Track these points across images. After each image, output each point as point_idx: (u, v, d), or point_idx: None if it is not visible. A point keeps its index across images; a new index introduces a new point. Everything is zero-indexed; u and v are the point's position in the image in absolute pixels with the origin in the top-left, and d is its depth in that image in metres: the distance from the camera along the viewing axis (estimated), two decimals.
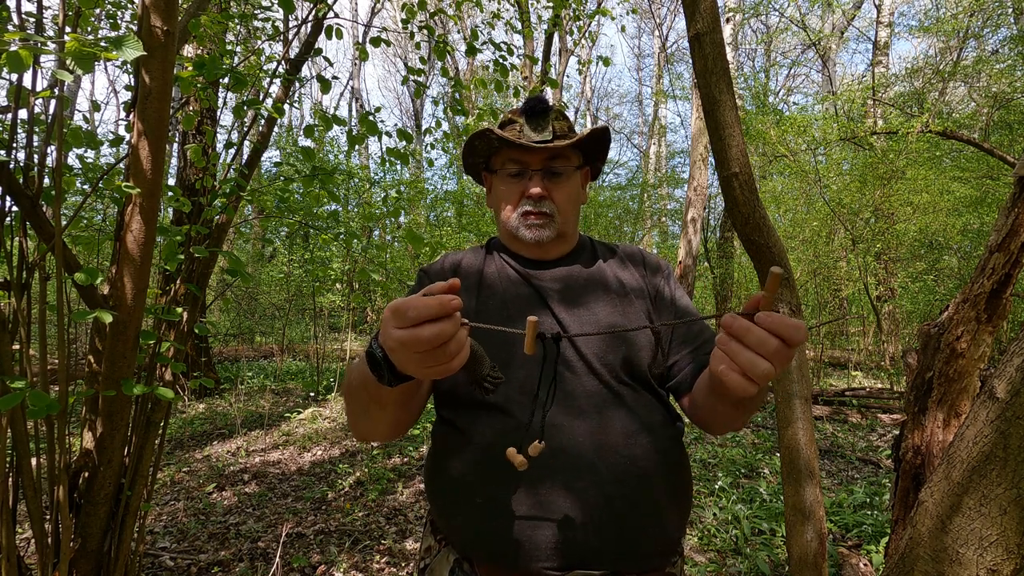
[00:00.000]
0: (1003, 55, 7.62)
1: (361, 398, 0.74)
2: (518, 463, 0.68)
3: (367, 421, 0.78)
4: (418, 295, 0.55)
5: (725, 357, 0.55)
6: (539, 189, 0.91)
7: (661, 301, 0.95)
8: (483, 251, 1.03)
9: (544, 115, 0.91)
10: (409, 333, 0.54)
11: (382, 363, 0.62)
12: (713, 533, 2.76)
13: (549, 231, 0.93)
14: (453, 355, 0.56)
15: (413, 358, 0.56)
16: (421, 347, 0.54)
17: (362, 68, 21.39)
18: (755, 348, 0.53)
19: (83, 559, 1.46)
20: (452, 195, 10.41)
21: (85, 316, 1.24)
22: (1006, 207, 1.26)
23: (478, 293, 0.94)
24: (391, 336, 0.55)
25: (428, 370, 0.57)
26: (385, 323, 0.57)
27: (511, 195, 0.94)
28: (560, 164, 0.93)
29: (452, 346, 0.55)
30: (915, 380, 1.54)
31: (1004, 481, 0.71)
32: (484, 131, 0.91)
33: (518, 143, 0.89)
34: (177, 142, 5.24)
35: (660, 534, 0.80)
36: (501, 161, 0.95)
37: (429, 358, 0.55)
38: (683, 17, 1.55)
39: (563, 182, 0.94)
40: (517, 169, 0.93)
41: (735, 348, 0.54)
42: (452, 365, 0.57)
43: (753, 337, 0.53)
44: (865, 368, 8.18)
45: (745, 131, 6.62)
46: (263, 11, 3.18)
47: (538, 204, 0.92)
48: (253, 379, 7.13)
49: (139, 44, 0.96)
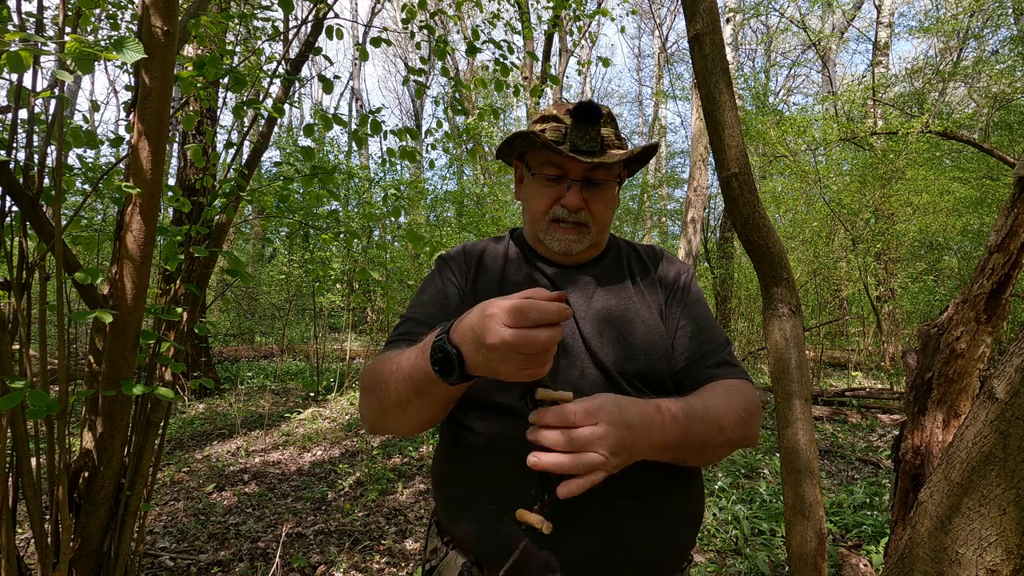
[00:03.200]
0: (1003, 55, 7.63)
1: (402, 392, 0.71)
2: (543, 528, 0.66)
3: (400, 414, 0.74)
4: (528, 298, 0.56)
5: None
6: (577, 201, 0.86)
7: (677, 301, 0.93)
8: (505, 243, 0.99)
9: (595, 124, 0.84)
10: (524, 334, 0.55)
11: (455, 361, 0.62)
12: (713, 533, 2.76)
13: (582, 243, 0.89)
14: (548, 360, 0.58)
15: (515, 359, 0.57)
16: (532, 349, 0.55)
17: (362, 68, 21.40)
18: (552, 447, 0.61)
19: (83, 559, 1.45)
20: (452, 195, 10.41)
21: (85, 316, 1.24)
22: (1006, 207, 1.26)
23: (500, 287, 0.91)
24: (498, 335, 0.55)
25: (522, 372, 0.58)
26: (488, 321, 0.57)
27: (544, 198, 0.89)
28: (602, 174, 0.88)
29: (552, 352, 0.58)
30: (915, 380, 1.54)
31: (1003, 482, 0.72)
32: (529, 133, 0.86)
33: (558, 149, 0.83)
34: (177, 142, 5.24)
35: (672, 543, 0.79)
36: (539, 161, 0.89)
37: (531, 361, 0.57)
38: (683, 17, 1.55)
39: (602, 191, 0.89)
40: (556, 175, 0.88)
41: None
42: (544, 370, 0.59)
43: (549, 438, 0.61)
44: (865, 368, 8.18)
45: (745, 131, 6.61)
46: (263, 11, 3.18)
47: (574, 215, 0.87)
48: (253, 379, 7.13)
49: (140, 46, 0.96)
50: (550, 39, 10.59)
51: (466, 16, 14.04)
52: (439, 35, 2.64)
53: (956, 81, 8.89)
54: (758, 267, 1.53)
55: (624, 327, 0.86)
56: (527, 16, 7.70)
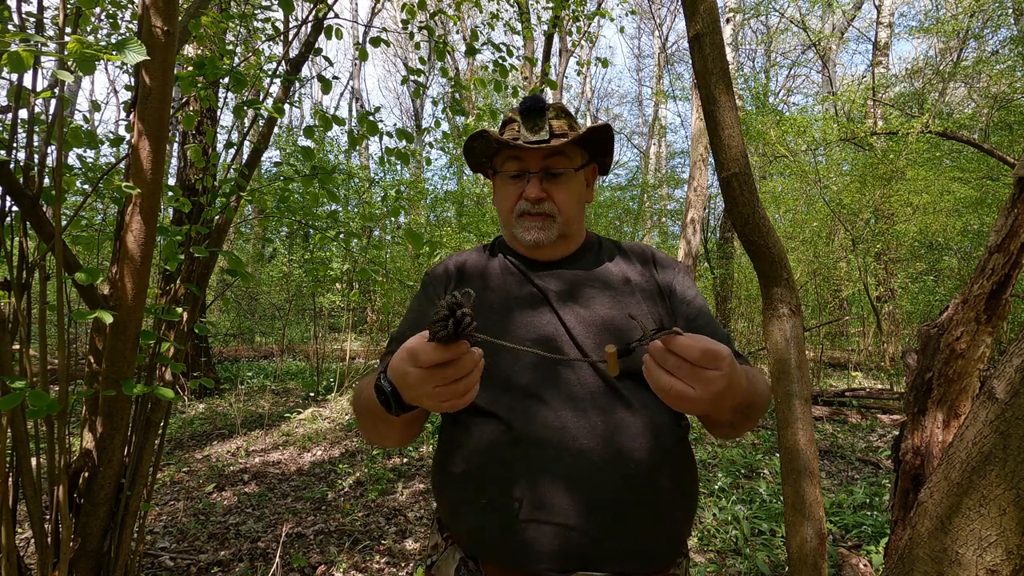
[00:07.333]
0: (1003, 56, 7.62)
1: (370, 417, 0.79)
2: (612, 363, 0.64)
3: (377, 434, 0.83)
4: (422, 339, 0.58)
5: (650, 376, 0.59)
6: (536, 192, 0.90)
7: (674, 299, 0.94)
8: (487, 251, 1.03)
9: (540, 114, 0.89)
10: (427, 374, 0.58)
11: (390, 397, 0.67)
12: (713, 533, 2.76)
13: (549, 233, 0.91)
14: (466, 394, 0.61)
15: (430, 393, 0.60)
16: (436, 383, 0.59)
17: (362, 68, 21.39)
18: (672, 372, 0.58)
19: (83, 559, 1.45)
20: (452, 195, 10.40)
21: (85, 316, 1.24)
22: (1005, 208, 1.26)
23: (483, 293, 0.93)
24: (409, 374, 0.60)
25: (443, 404, 0.61)
26: (399, 362, 0.61)
27: (510, 197, 0.93)
28: (559, 163, 0.91)
29: (464, 384, 0.60)
30: (915, 381, 1.54)
31: (1003, 482, 0.72)
32: (481, 132, 0.90)
33: (512, 143, 0.88)
34: (177, 142, 5.24)
35: (666, 535, 0.80)
36: (501, 161, 0.94)
37: (444, 393, 0.60)
38: (683, 18, 1.55)
39: (563, 182, 0.92)
40: (516, 170, 0.92)
41: (655, 373, 0.58)
42: (463, 401, 0.61)
43: (671, 361, 0.58)
44: (865, 368, 8.18)
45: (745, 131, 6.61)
46: (263, 11, 3.18)
47: (536, 206, 0.91)
48: (253, 379, 7.13)
49: (142, 47, 0.96)
50: (550, 39, 10.58)
51: (466, 16, 14.05)
52: (438, 36, 2.64)
53: (956, 81, 8.90)
54: (758, 267, 1.53)
55: (619, 331, 0.86)
56: (527, 16, 7.70)
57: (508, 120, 0.94)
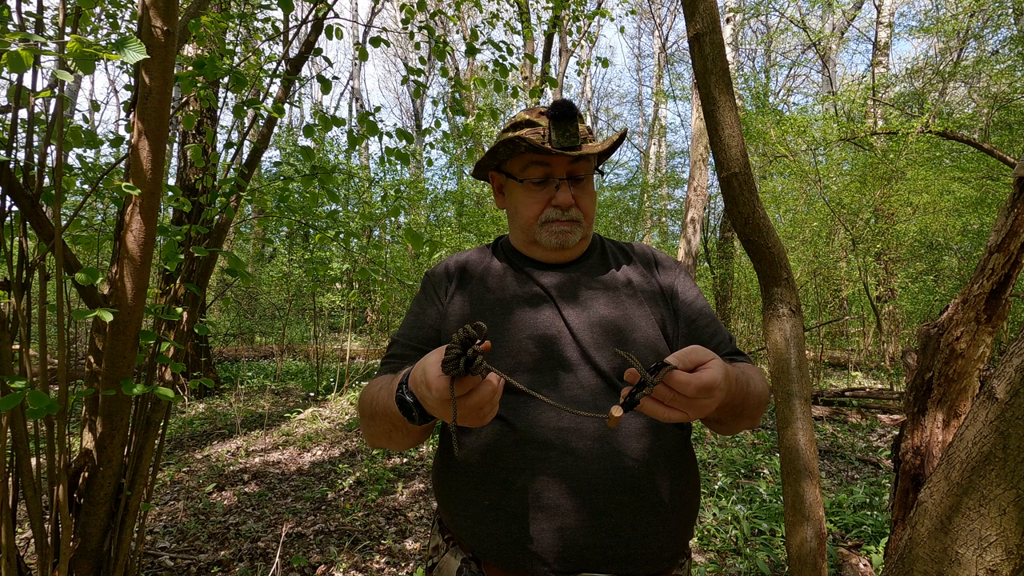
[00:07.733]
0: (1003, 55, 7.62)
1: (383, 424, 0.77)
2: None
3: (389, 440, 0.82)
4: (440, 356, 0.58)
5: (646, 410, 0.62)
6: (569, 199, 0.89)
7: (676, 300, 0.94)
8: (489, 251, 1.01)
9: (572, 120, 0.86)
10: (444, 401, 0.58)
11: (413, 408, 0.66)
12: (713, 533, 2.76)
13: (574, 237, 0.91)
14: (487, 414, 0.60)
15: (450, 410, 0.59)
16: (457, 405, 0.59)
17: (362, 68, 21.40)
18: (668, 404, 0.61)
19: (83, 559, 1.46)
20: (452, 195, 10.40)
21: (85, 316, 1.24)
22: (1006, 208, 1.26)
23: (483, 293, 0.93)
24: (427, 397, 0.59)
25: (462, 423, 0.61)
26: (422, 378, 0.60)
27: (535, 203, 0.91)
28: (583, 168, 0.90)
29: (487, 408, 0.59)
30: (915, 380, 1.54)
31: (1003, 482, 0.71)
32: (513, 139, 0.87)
33: (547, 149, 0.85)
34: (177, 142, 5.24)
35: (668, 536, 0.79)
36: (521, 165, 0.91)
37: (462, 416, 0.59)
38: (683, 17, 1.55)
39: (585, 186, 0.92)
40: (542, 176, 0.89)
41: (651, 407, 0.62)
42: (484, 420, 0.61)
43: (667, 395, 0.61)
44: (865, 368, 8.18)
45: (745, 131, 6.61)
46: (263, 11, 3.18)
47: (566, 213, 0.89)
48: (253, 379, 7.13)
49: (142, 47, 0.96)
50: (550, 39, 10.59)
51: (466, 16, 14.04)
52: (438, 36, 2.64)
53: (956, 81, 8.90)
54: (758, 267, 1.53)
55: (621, 332, 0.86)
56: (527, 16, 7.70)
57: (523, 122, 0.91)
